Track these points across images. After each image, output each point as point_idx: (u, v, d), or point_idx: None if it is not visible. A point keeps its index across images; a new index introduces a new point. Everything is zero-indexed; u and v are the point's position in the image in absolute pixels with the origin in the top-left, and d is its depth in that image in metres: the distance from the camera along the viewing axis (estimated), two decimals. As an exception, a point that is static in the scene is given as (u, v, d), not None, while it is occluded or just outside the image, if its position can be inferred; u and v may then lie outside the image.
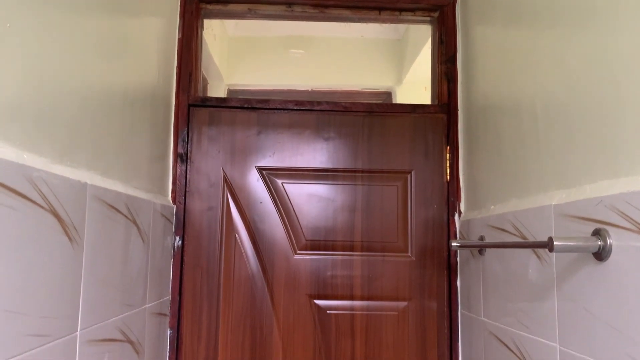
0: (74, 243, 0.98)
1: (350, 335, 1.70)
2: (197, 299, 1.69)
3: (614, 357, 0.87)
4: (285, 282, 1.72)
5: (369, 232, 1.76)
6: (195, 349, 1.67)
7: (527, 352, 1.20)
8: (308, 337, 1.70)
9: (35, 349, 0.84)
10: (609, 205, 0.90)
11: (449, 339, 1.71)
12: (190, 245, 1.72)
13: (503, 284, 1.35)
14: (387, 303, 1.72)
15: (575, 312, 0.99)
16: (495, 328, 1.39)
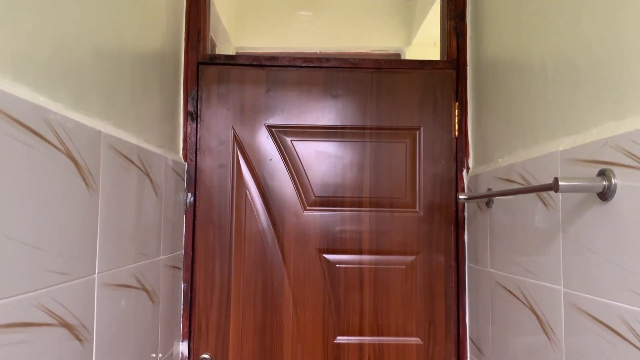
0: (90, 188, 1.01)
1: (359, 288, 1.74)
2: (210, 253, 1.74)
3: (616, 293, 0.90)
4: (295, 237, 1.76)
5: (377, 189, 1.78)
6: (208, 300, 1.72)
7: (532, 297, 1.23)
8: (318, 289, 1.74)
9: (57, 286, 0.88)
10: (614, 145, 0.91)
11: (456, 291, 1.75)
12: (202, 202, 1.75)
13: (509, 234, 1.37)
14: (395, 257, 1.76)
15: (580, 253, 1.01)
16: (502, 278, 1.41)
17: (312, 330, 1.73)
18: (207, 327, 1.72)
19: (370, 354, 1.72)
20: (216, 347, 1.71)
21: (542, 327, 1.17)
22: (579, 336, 1.02)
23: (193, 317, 1.72)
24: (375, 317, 1.74)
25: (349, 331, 1.73)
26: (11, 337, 0.75)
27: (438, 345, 1.73)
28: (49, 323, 0.86)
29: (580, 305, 1.01)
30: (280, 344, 1.72)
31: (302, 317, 1.73)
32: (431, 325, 1.74)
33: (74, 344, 0.95)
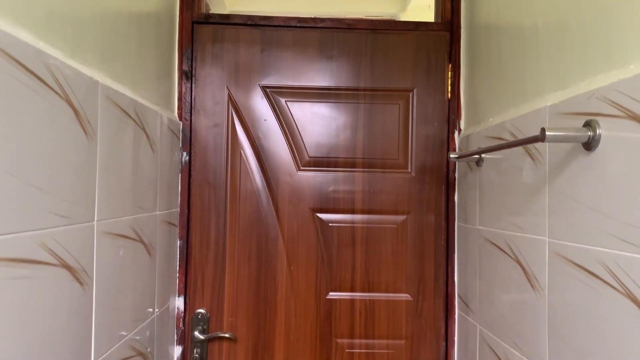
0: (89, 137, 1.03)
1: (351, 245, 1.78)
2: (205, 211, 1.77)
3: (596, 238, 0.94)
4: (289, 196, 1.79)
5: (370, 150, 1.80)
6: (204, 257, 1.76)
7: (519, 250, 1.27)
8: (311, 247, 1.78)
9: (59, 228, 0.91)
10: (600, 96, 0.94)
11: (446, 249, 1.79)
12: (197, 161, 1.77)
13: (498, 191, 1.40)
14: (386, 217, 1.79)
15: (564, 204, 1.05)
16: (490, 234, 1.46)
17: (305, 286, 1.78)
18: (202, 282, 1.76)
19: (361, 308, 1.78)
20: (211, 302, 1.76)
21: (527, 278, 1.22)
22: (561, 283, 1.06)
23: (189, 273, 1.76)
24: (367, 274, 1.78)
25: (341, 287, 1.78)
26: (16, 271, 0.78)
27: (427, 301, 1.79)
28: (51, 263, 0.89)
29: (564, 254, 1.05)
30: (275, 299, 1.77)
31: (295, 274, 1.78)
32: (421, 282, 1.79)
33: (75, 286, 0.98)
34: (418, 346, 1.78)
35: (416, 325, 1.78)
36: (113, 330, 1.18)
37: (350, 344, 1.78)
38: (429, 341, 1.78)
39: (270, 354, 1.76)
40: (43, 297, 0.86)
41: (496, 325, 1.41)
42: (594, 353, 0.95)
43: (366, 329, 1.78)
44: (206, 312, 1.76)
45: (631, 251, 0.84)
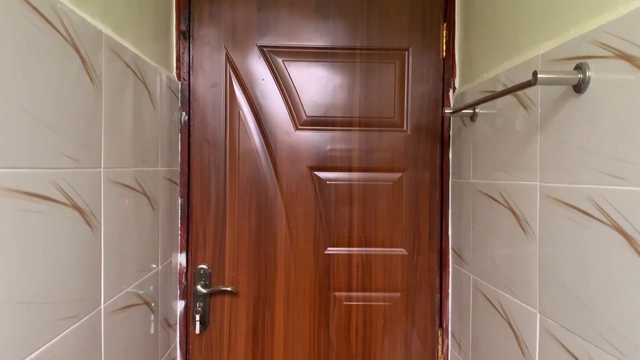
0: (95, 85, 1.06)
1: (349, 203, 1.83)
2: (205, 169, 1.80)
3: (584, 176, 0.98)
4: (287, 155, 1.82)
5: (367, 109, 1.83)
6: (205, 214, 1.80)
7: (511, 198, 1.32)
8: (309, 204, 1.82)
9: (69, 169, 0.94)
10: (590, 39, 0.97)
11: (440, 205, 1.84)
12: (197, 120, 1.80)
13: (492, 144, 1.45)
14: (382, 174, 1.84)
15: (555, 147, 1.09)
16: (483, 185, 1.50)
17: (304, 242, 1.82)
18: (204, 239, 1.81)
19: (358, 263, 1.83)
20: (213, 258, 1.81)
21: (519, 223, 1.27)
22: (552, 224, 1.11)
23: (190, 229, 1.80)
24: (364, 230, 1.83)
25: (339, 243, 1.83)
26: (31, 205, 0.82)
27: (422, 255, 1.84)
28: (63, 202, 0.93)
29: (554, 195, 1.10)
30: (274, 254, 1.82)
31: (294, 230, 1.82)
32: (416, 237, 1.84)
33: (85, 228, 1.02)
34: (413, 298, 1.84)
35: (411, 278, 1.84)
36: (121, 276, 1.22)
37: (348, 297, 1.84)
38: (423, 293, 1.85)
39: (270, 307, 1.82)
40: (57, 234, 0.90)
41: (489, 274, 1.46)
42: (584, 288, 1.00)
43: (363, 283, 1.84)
44: (208, 267, 1.80)
45: (618, 184, 0.89)
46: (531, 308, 1.20)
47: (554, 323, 1.10)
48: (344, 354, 1.83)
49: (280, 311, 1.82)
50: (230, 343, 1.81)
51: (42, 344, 0.86)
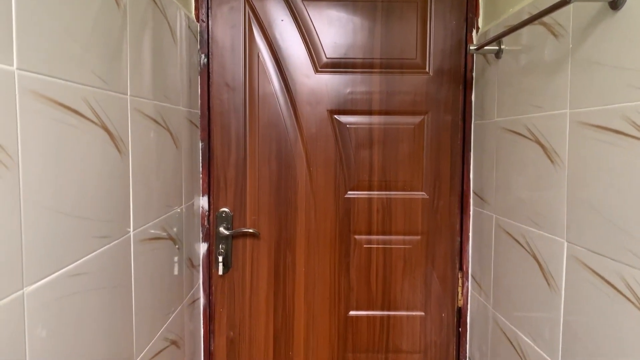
0: (120, 7, 1.04)
1: (369, 146, 1.82)
2: (225, 113, 1.79)
3: (621, 94, 0.96)
4: (307, 98, 1.81)
5: (388, 50, 1.80)
6: (225, 158, 1.80)
7: (537, 130, 1.30)
8: (329, 148, 1.81)
9: (98, 89, 0.94)
10: (629, -49, 0.93)
11: (462, 148, 1.83)
12: (216, 64, 1.79)
13: (518, 79, 1.42)
14: (403, 117, 1.82)
15: (587, 71, 1.07)
16: (508, 122, 1.48)
17: (324, 186, 1.83)
18: (225, 183, 1.81)
19: (378, 206, 1.83)
20: (234, 202, 1.82)
21: (546, 154, 1.26)
22: (581, 148, 1.10)
23: (212, 173, 1.81)
24: (384, 174, 1.83)
25: (359, 187, 1.83)
26: (64, 117, 0.82)
27: (443, 198, 1.84)
28: (93, 120, 0.93)
29: (585, 119, 1.08)
30: (295, 198, 1.82)
31: (315, 174, 1.82)
32: (437, 180, 1.83)
33: (114, 151, 1.03)
34: (433, 241, 1.85)
35: (432, 221, 1.84)
36: (148, 207, 1.23)
37: (368, 240, 1.85)
38: (444, 236, 1.85)
39: (292, 249, 1.84)
40: (87, 150, 0.90)
41: (513, 210, 1.45)
42: (616, 207, 0.99)
43: (383, 226, 1.84)
44: (230, 211, 1.82)
45: (655, 98, 0.87)
46: (558, 237, 1.20)
47: (582, 249, 1.10)
48: (364, 295, 1.85)
49: (301, 254, 1.84)
50: (252, 284, 1.84)
51: (78, 258, 0.87)
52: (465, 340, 1.85)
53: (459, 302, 1.86)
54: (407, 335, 1.87)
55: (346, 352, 1.87)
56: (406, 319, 1.86)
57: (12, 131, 0.68)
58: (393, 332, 1.87)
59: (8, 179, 0.67)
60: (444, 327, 1.87)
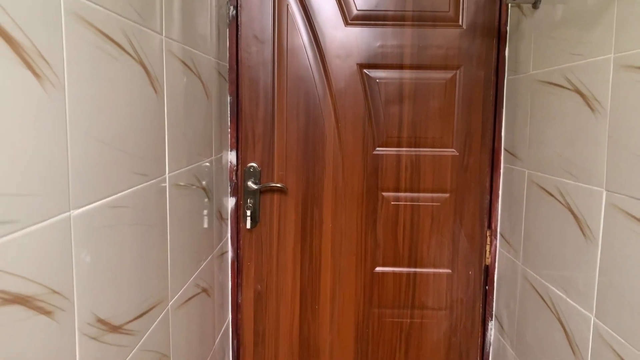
0: (154, -55, 1.03)
1: (399, 102, 1.79)
2: (253, 67, 1.78)
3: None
4: (336, 52, 1.78)
5: (420, 2, 1.76)
6: (254, 113, 1.79)
7: (577, 78, 1.26)
8: (358, 103, 1.79)
9: (135, 23, 0.93)
10: None
11: (494, 104, 1.79)
12: (245, 16, 1.76)
13: (557, 28, 1.37)
14: (435, 72, 1.78)
15: (633, 11, 1.03)
16: (545, 74, 1.44)
17: (352, 142, 1.81)
18: (253, 138, 1.81)
19: (407, 163, 1.82)
20: (262, 157, 1.82)
21: (587, 103, 1.22)
22: (625, 93, 1.06)
23: (240, 128, 1.81)
24: (414, 130, 1.80)
25: (388, 143, 1.81)
26: (104, 46, 0.81)
27: (473, 155, 1.81)
28: (131, 54, 0.92)
29: (630, 62, 1.04)
30: (323, 154, 1.82)
31: (343, 130, 1.81)
32: (467, 137, 1.81)
33: (150, 90, 1.02)
34: (462, 199, 1.83)
35: (461, 179, 1.82)
36: (181, 151, 1.23)
37: (396, 197, 1.84)
38: (473, 194, 1.83)
39: (319, 205, 1.84)
40: (126, 84, 0.90)
41: (548, 163, 1.43)
42: (659, 150, 0.96)
43: (412, 183, 1.83)
44: (257, 166, 1.82)
45: None
46: (596, 187, 1.17)
47: (622, 196, 1.07)
48: (391, 252, 1.85)
49: (328, 209, 1.84)
50: (279, 239, 1.85)
51: (119, 191, 0.88)
52: (491, 299, 1.85)
53: (486, 260, 1.85)
54: (433, 292, 1.87)
55: (372, 307, 1.88)
56: (432, 276, 1.86)
57: (57, 50, 0.67)
58: (419, 289, 1.87)
59: (55, 97, 0.67)
60: (471, 285, 1.87)
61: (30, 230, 0.62)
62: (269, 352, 1.90)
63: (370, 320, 1.88)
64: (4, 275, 0.57)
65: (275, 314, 1.88)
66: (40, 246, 0.64)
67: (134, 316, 0.95)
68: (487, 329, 1.87)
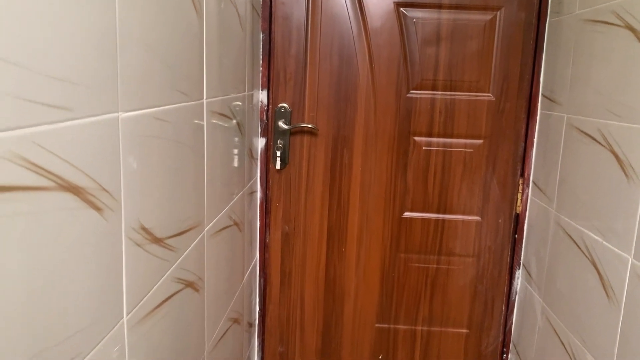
0: None
1: (435, 43, 1.74)
2: (287, 3, 1.73)
3: None
4: (372, -10, 1.73)
5: (461, -60, 1.69)
6: (286, 51, 1.76)
7: (628, 13, 1.20)
8: (394, 43, 1.75)
9: None
10: None
11: (534, 48, 1.73)
12: (279, -50, 1.71)
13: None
14: (474, 13, 1.72)
15: None
16: (592, 12, 1.38)
17: (386, 84, 1.78)
18: (285, 77, 1.78)
19: (441, 107, 1.78)
20: (294, 97, 1.80)
21: (638, 38, 1.17)
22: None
23: (272, 67, 1.78)
24: (450, 73, 1.76)
25: (422, 86, 1.78)
26: None
27: (510, 101, 1.77)
28: None
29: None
30: (355, 95, 1.79)
31: (377, 71, 1.77)
32: (505, 81, 1.76)
33: (191, 7, 1.00)
34: (496, 145, 1.80)
35: (496, 125, 1.79)
36: (217, 79, 1.22)
37: (428, 142, 1.81)
38: (507, 141, 1.79)
39: (349, 148, 1.82)
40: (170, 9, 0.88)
41: (589, 107, 1.38)
42: None
43: (445, 128, 1.80)
44: (288, 107, 1.80)
45: None
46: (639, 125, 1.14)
47: (673, 132, 1.03)
48: (420, 197, 1.84)
49: (358, 152, 1.82)
50: (308, 180, 1.85)
51: (163, 104, 0.87)
52: (520, 247, 1.84)
53: (517, 209, 1.83)
54: (461, 239, 1.86)
55: (398, 252, 1.88)
56: (461, 223, 1.85)
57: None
58: (447, 236, 1.86)
59: (105, -8, 0.66)
60: (500, 232, 1.85)
61: (83, 122, 0.62)
62: (294, 292, 1.92)
63: (397, 264, 1.89)
64: (58, 161, 0.57)
65: (302, 254, 1.90)
66: (92, 141, 0.64)
67: (174, 233, 0.96)
68: (514, 278, 1.86)
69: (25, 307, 0.53)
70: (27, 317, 0.53)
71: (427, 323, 1.92)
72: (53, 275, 0.57)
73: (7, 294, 0.50)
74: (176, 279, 0.98)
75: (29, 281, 0.53)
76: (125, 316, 0.76)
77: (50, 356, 0.57)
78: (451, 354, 1.93)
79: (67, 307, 0.61)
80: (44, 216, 0.55)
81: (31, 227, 0.52)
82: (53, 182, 0.56)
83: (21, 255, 0.51)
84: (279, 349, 1.96)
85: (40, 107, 0.53)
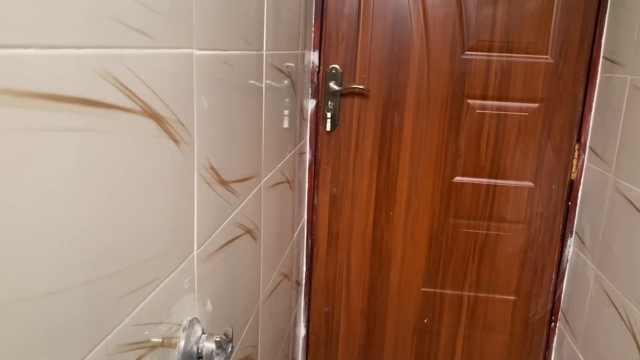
0: None
1: (493, 2, 1.69)
2: (342, -39, 1.72)
3: None
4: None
5: None
6: (339, 11, 1.75)
7: None
8: (450, 2, 1.71)
9: None
10: None
11: (597, 9, 1.66)
12: None
13: None
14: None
15: None
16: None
17: (440, 45, 1.74)
18: (336, 38, 1.77)
19: (497, 69, 1.74)
20: (345, 59, 1.79)
21: None
22: None
23: (324, 28, 1.77)
24: (507, 34, 1.71)
25: (478, 47, 1.73)
26: None
27: (568, 64, 1.71)
28: None
29: None
30: (408, 57, 1.76)
31: (431, 31, 1.74)
32: (564, 43, 1.70)
33: None
34: (552, 110, 1.75)
35: (553, 88, 1.73)
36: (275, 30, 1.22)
37: (482, 105, 1.78)
38: (564, 105, 1.74)
39: (400, 111, 1.81)
40: (238, -59, 0.89)
41: (658, 64, 1.33)
42: None
43: (500, 91, 1.76)
44: (340, 68, 1.79)
45: None
46: None
47: None
48: (472, 162, 1.82)
49: (409, 115, 1.81)
50: (357, 143, 1.85)
51: (228, 49, 0.88)
52: (573, 214, 1.80)
53: (572, 175, 1.78)
54: (512, 205, 1.83)
55: (447, 216, 1.87)
56: (514, 189, 1.82)
57: None
58: (498, 201, 1.84)
59: None
60: (553, 199, 1.81)
61: (163, 52, 0.63)
62: (341, 253, 1.94)
63: (445, 229, 1.88)
64: (144, 87, 0.59)
65: (349, 217, 1.91)
66: (171, 72, 0.66)
67: (237, 178, 0.98)
68: (565, 245, 1.83)
69: (112, 220, 0.55)
70: (114, 232, 0.56)
71: (475, 289, 1.91)
72: (138, 196, 0.60)
73: (100, 205, 0.52)
74: (238, 223, 1.01)
75: (117, 198, 0.55)
76: (195, 249, 0.79)
77: (135, 273, 0.60)
78: (498, 320, 1.92)
79: (148, 230, 0.63)
80: (130, 138, 0.57)
81: (118, 146, 0.55)
82: (139, 107, 0.58)
83: (107, 170, 0.54)
84: (325, 309, 2.00)
85: (130, 31, 0.55)
